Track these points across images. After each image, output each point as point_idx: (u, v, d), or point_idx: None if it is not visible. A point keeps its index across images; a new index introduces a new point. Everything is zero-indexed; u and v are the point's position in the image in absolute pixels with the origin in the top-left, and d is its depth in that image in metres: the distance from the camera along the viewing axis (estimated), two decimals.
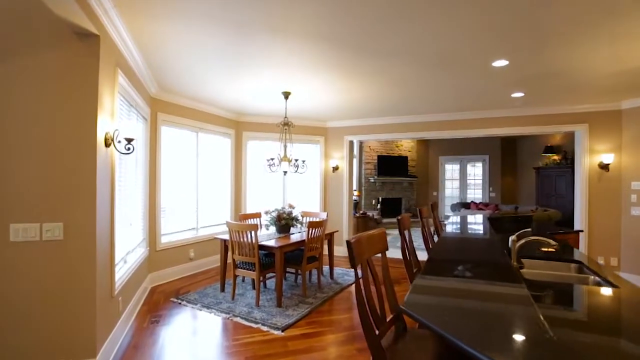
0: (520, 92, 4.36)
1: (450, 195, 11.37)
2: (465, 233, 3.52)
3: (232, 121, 5.97)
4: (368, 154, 10.38)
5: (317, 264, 4.40)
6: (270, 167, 4.39)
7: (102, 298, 2.44)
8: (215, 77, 3.95)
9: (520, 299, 1.41)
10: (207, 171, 5.50)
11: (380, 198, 10.53)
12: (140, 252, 3.93)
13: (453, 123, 5.79)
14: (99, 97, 2.30)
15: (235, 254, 3.91)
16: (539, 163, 9.97)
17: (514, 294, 1.49)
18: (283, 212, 4.41)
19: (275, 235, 4.33)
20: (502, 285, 1.63)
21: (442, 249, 2.61)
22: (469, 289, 1.60)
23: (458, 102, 4.98)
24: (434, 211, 4.21)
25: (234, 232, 3.85)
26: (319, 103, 5.11)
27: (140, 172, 4.09)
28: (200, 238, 5.23)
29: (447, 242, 2.91)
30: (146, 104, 4.09)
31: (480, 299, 1.48)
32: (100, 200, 2.37)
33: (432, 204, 4.79)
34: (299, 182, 6.58)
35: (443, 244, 2.82)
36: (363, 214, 8.48)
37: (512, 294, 1.49)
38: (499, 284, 1.66)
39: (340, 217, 6.54)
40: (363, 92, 4.46)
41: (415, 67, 3.48)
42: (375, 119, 6.21)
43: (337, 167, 6.52)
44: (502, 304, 1.39)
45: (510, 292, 1.52)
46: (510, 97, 4.55)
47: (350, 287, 4.55)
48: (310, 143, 6.56)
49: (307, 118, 6.29)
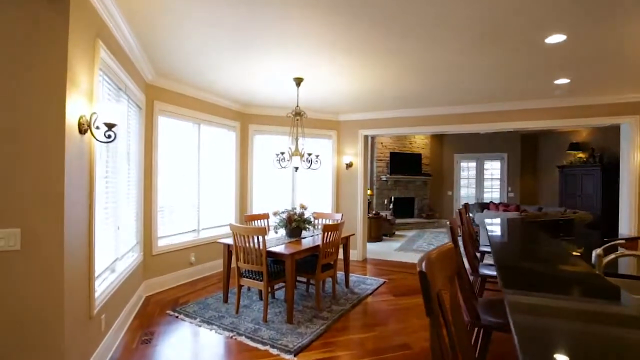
0: (566, 79, 3.81)
1: (465, 196, 10.80)
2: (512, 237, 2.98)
3: (238, 113, 5.48)
4: (380, 151, 9.85)
5: (332, 272, 3.90)
6: (280, 162, 3.89)
7: (75, 320, 1.97)
8: (219, 62, 3.46)
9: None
10: (210, 167, 5.03)
11: (393, 197, 10.00)
12: (133, 258, 3.46)
13: (479, 116, 5.24)
14: (69, 70, 1.82)
15: (239, 261, 3.43)
16: (562, 161, 9.37)
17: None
18: (294, 213, 3.92)
19: (285, 239, 3.84)
20: (616, 305, 1.16)
21: (506, 256, 2.10)
22: (583, 309, 1.11)
23: (489, 92, 4.44)
24: (467, 213, 3.70)
25: (238, 237, 3.36)
26: (332, 92, 4.61)
27: (134, 167, 3.62)
28: (202, 241, 4.76)
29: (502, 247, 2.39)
30: (141, 91, 3.62)
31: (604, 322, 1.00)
32: (72, 200, 1.89)
33: (465, 205, 4.26)
34: (309, 180, 6.08)
35: (501, 250, 2.30)
36: (376, 215, 7.97)
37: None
38: (608, 303, 1.19)
39: (354, 218, 6.03)
40: (381, 79, 3.95)
41: (448, 46, 2.96)
42: (392, 111, 5.68)
43: (351, 164, 6.01)
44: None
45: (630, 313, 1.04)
46: (553, 84, 4.00)
47: (368, 298, 4.05)
48: (322, 138, 6.06)
49: (318, 110, 5.79)
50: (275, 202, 5.74)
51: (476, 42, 2.88)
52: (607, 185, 8.42)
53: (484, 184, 10.63)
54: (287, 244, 3.61)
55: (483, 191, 10.62)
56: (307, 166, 3.91)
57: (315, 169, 3.97)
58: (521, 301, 1.25)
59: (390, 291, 4.34)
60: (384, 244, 7.54)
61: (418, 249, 7.00)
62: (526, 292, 1.37)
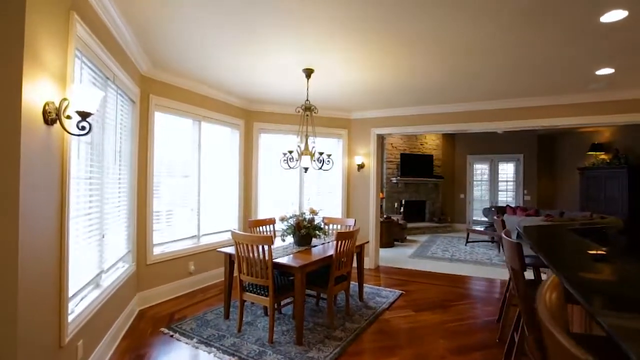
0: (610, 68, 3.39)
1: (479, 199, 10.34)
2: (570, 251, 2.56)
3: (242, 110, 5.12)
4: (390, 152, 9.44)
5: (346, 285, 3.50)
6: (288, 162, 3.51)
7: (36, 352, 1.59)
8: (222, 52, 3.10)
9: None
10: (212, 168, 4.66)
11: (403, 201, 9.57)
12: (123, 269, 3.09)
13: (501, 113, 4.82)
14: (29, 44, 1.45)
15: (242, 274, 3.04)
16: (583, 163, 8.89)
17: None
18: (303, 219, 3.53)
19: (293, 248, 3.45)
20: None
21: (583, 273, 1.66)
22: None
23: (516, 86, 4.03)
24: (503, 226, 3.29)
25: (241, 246, 2.98)
26: (344, 87, 4.22)
27: (126, 167, 3.26)
28: (202, 248, 4.38)
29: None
30: (134, 83, 3.26)
31: None
32: (32, 205, 1.51)
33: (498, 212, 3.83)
34: (318, 182, 5.70)
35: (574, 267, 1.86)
36: (387, 219, 7.56)
37: None
38: None
39: (366, 223, 5.63)
40: (398, 70, 3.56)
41: (483, 26, 2.56)
42: (407, 108, 5.28)
43: (363, 165, 5.61)
44: None
45: None
46: (594, 75, 3.58)
47: (385, 314, 3.64)
48: (332, 137, 5.67)
49: (328, 108, 5.41)
50: (282, 206, 5.36)
51: (516, 21, 2.48)
52: (635, 187, 7.94)
53: (498, 187, 10.17)
54: (295, 254, 3.22)
55: (497, 194, 10.15)
56: (318, 166, 3.52)
57: (327, 170, 3.59)
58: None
59: (408, 305, 3.92)
60: (396, 250, 7.12)
61: (433, 255, 6.57)
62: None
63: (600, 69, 3.40)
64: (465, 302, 4.04)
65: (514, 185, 10.00)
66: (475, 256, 6.55)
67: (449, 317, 3.59)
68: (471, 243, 7.72)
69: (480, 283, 4.88)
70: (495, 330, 3.21)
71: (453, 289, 4.58)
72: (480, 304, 4.02)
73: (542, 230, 4.77)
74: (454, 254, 6.70)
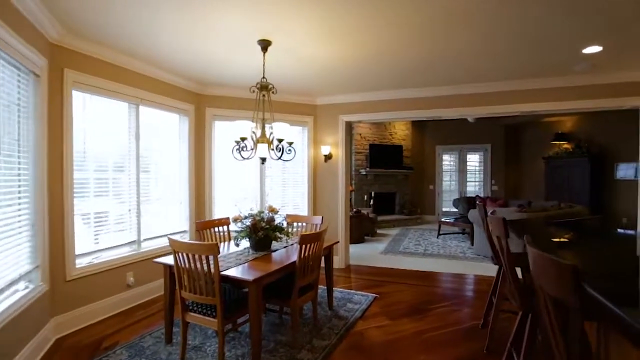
0: (598, 46, 3.09)
1: (448, 190, 10.23)
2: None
3: (192, 94, 4.43)
4: (359, 143, 9.03)
5: (313, 294, 3.00)
6: (241, 151, 2.92)
7: None
8: (154, 13, 2.43)
9: None
10: (155, 161, 3.97)
11: (373, 193, 9.23)
12: (26, 291, 2.40)
13: (482, 97, 4.49)
14: None
15: (184, 290, 2.45)
16: (548, 152, 8.96)
17: None
18: (260, 219, 2.97)
19: (249, 254, 2.90)
20: None
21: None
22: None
23: (500, 65, 3.68)
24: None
25: (180, 256, 2.38)
26: (308, 65, 3.67)
27: (29, 160, 2.53)
28: (144, 255, 3.70)
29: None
30: (37, 52, 2.52)
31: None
32: None
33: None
34: (283, 176, 5.14)
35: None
36: (357, 213, 7.15)
37: None
38: None
39: (335, 219, 5.16)
40: (368, 46, 3.06)
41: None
42: (378, 93, 4.82)
43: (331, 156, 5.12)
44: None
45: None
46: (580, 54, 3.27)
47: (358, 324, 3.18)
48: (295, 125, 5.11)
49: (290, 91, 4.83)
50: (244, 203, 4.77)
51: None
52: (596, 177, 8.07)
53: (467, 178, 10.10)
54: (251, 262, 2.67)
55: (466, 185, 10.08)
56: (277, 156, 2.96)
57: (288, 160, 3.05)
58: None
59: (383, 311, 3.50)
60: (366, 245, 6.74)
61: (405, 250, 6.24)
62: None
63: (588, 46, 3.10)
64: (444, 304, 3.69)
65: (482, 176, 9.97)
66: (448, 249, 6.30)
67: (429, 324, 3.20)
68: (443, 235, 7.51)
69: (457, 280, 4.57)
70: (481, 339, 2.85)
71: (429, 288, 4.23)
72: (461, 305, 3.68)
73: (524, 222, 4.47)
74: (427, 248, 6.41)
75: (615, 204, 8.01)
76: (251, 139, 2.94)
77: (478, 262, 5.42)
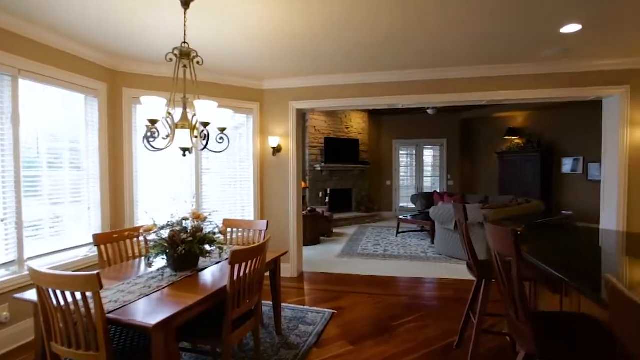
0: (577, 24, 2.73)
1: (405, 185, 9.99)
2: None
3: (104, 69, 3.52)
4: (313, 136, 8.42)
5: (253, 324, 2.33)
6: (150, 139, 2.15)
7: None
8: None
9: None
10: (48, 152, 3.03)
11: (329, 190, 8.70)
12: None
13: (443, 84, 4.06)
14: None
15: (54, 341, 1.66)
16: (501, 147, 9.01)
17: None
18: (182, 228, 2.24)
19: (165, 277, 2.15)
20: None
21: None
22: None
23: (466, 49, 3.24)
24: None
25: (45, 293, 1.59)
26: (247, 35, 2.96)
27: None
28: (25, 280, 2.77)
29: None
30: None
31: None
32: None
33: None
34: (223, 171, 4.37)
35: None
36: (311, 211, 6.55)
37: None
38: None
39: (285, 222, 4.50)
40: (323, 17, 2.44)
41: None
42: (333, 76, 4.22)
43: (280, 148, 4.44)
44: None
45: None
46: (558, 33, 2.90)
47: (312, 354, 2.57)
48: (238, 113, 4.37)
49: (232, 72, 4.08)
50: (176, 205, 3.94)
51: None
52: (546, 171, 8.21)
53: (423, 173, 9.93)
54: (166, 291, 1.94)
55: (423, 180, 9.91)
56: (202, 146, 2.23)
57: (220, 152, 2.33)
58: None
59: (343, 332, 2.92)
60: (322, 247, 6.16)
61: (364, 252, 5.76)
62: None
63: (567, 24, 2.72)
64: (413, 318, 3.20)
65: (438, 171, 9.85)
66: (408, 249, 5.92)
67: (397, 346, 2.68)
68: (402, 234, 7.16)
69: (421, 286, 4.14)
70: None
71: (393, 298, 3.74)
72: (430, 318, 3.21)
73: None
74: (387, 249, 5.99)
75: (562, 197, 8.22)
76: (166, 122, 2.18)
77: (441, 263, 5.07)
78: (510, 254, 1.45)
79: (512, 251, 1.42)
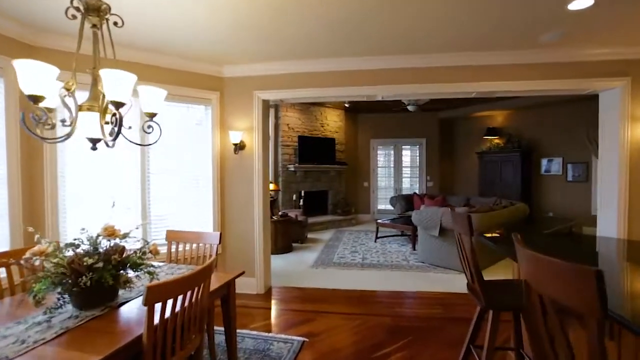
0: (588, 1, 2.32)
1: (383, 186, 9.58)
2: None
3: (17, 43, 2.80)
4: (286, 134, 7.82)
5: None
6: (38, 124, 1.51)
7: None
8: None
9: None
10: None
11: (303, 192, 8.13)
12: None
13: (430, 72, 3.61)
14: None
15: None
16: (481, 147, 8.76)
17: None
18: (87, 251, 1.62)
19: (63, 319, 1.52)
20: None
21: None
22: None
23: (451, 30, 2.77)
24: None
25: None
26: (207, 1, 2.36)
27: None
28: None
29: None
30: None
31: None
32: None
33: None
34: (177, 171, 3.72)
35: None
36: (283, 216, 5.97)
37: None
38: None
39: (249, 229, 3.89)
40: None
41: None
42: (305, 62, 3.67)
43: (243, 145, 3.83)
44: None
45: None
46: (566, 10, 2.48)
47: None
48: (194, 103, 3.73)
49: (185, 55, 3.44)
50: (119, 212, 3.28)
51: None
52: (526, 171, 8.00)
53: (402, 174, 9.55)
54: (47, 350, 1.31)
55: (401, 181, 9.53)
56: (112, 137, 1.61)
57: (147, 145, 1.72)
58: None
59: None
60: (295, 256, 5.59)
61: (341, 261, 5.23)
62: None
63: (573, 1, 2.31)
64: (399, 346, 2.69)
65: (417, 171, 9.50)
66: (389, 257, 5.45)
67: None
68: (381, 239, 6.69)
69: (406, 302, 3.65)
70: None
71: (375, 318, 3.22)
72: (420, 344, 2.71)
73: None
74: (365, 256, 5.49)
75: (542, 198, 8.04)
76: (62, 101, 1.55)
77: (425, 272, 4.62)
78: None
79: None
